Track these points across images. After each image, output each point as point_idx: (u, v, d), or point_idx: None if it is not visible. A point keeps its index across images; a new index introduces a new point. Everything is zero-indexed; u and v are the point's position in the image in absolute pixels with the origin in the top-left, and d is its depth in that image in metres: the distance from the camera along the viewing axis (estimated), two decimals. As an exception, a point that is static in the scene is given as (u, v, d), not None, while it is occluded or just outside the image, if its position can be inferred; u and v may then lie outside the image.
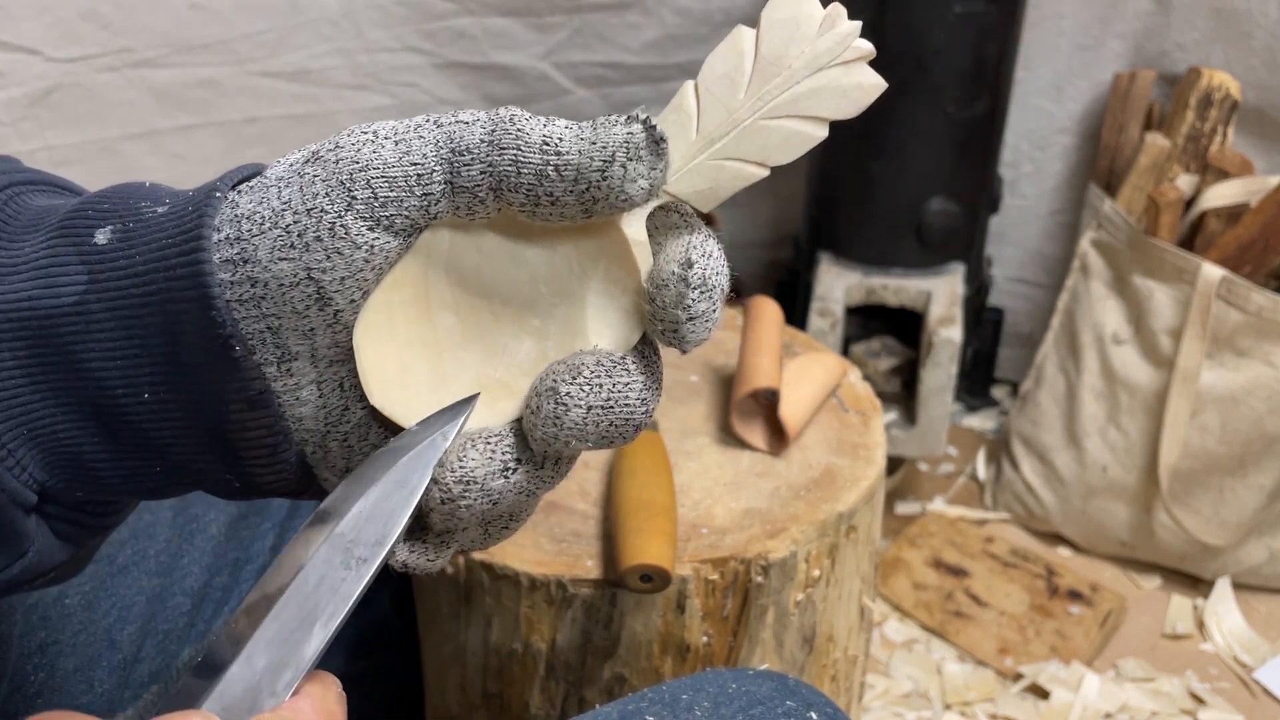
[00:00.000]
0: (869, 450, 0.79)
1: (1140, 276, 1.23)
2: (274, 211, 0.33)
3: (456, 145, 0.33)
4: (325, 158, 0.34)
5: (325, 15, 1.22)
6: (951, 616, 1.25)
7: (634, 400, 0.34)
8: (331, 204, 0.33)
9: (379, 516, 0.33)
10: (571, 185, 0.32)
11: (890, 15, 1.21)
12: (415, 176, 0.33)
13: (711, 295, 0.33)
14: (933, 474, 1.47)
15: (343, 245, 0.33)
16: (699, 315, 0.33)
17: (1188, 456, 1.22)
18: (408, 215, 0.34)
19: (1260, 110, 1.27)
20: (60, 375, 0.35)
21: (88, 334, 0.34)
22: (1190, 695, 1.16)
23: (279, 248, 0.33)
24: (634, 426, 0.35)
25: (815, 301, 1.31)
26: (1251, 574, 1.27)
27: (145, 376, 0.35)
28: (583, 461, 0.79)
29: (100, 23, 1.11)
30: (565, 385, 0.34)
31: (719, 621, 0.71)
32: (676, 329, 0.34)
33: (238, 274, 0.34)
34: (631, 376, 0.34)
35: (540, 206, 0.33)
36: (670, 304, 0.33)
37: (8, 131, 1.10)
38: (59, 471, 0.36)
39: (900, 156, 1.28)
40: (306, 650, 0.31)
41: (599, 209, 0.33)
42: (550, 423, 0.34)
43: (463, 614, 0.73)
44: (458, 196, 0.34)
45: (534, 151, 0.32)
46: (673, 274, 0.33)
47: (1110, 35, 1.34)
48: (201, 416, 0.35)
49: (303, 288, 0.34)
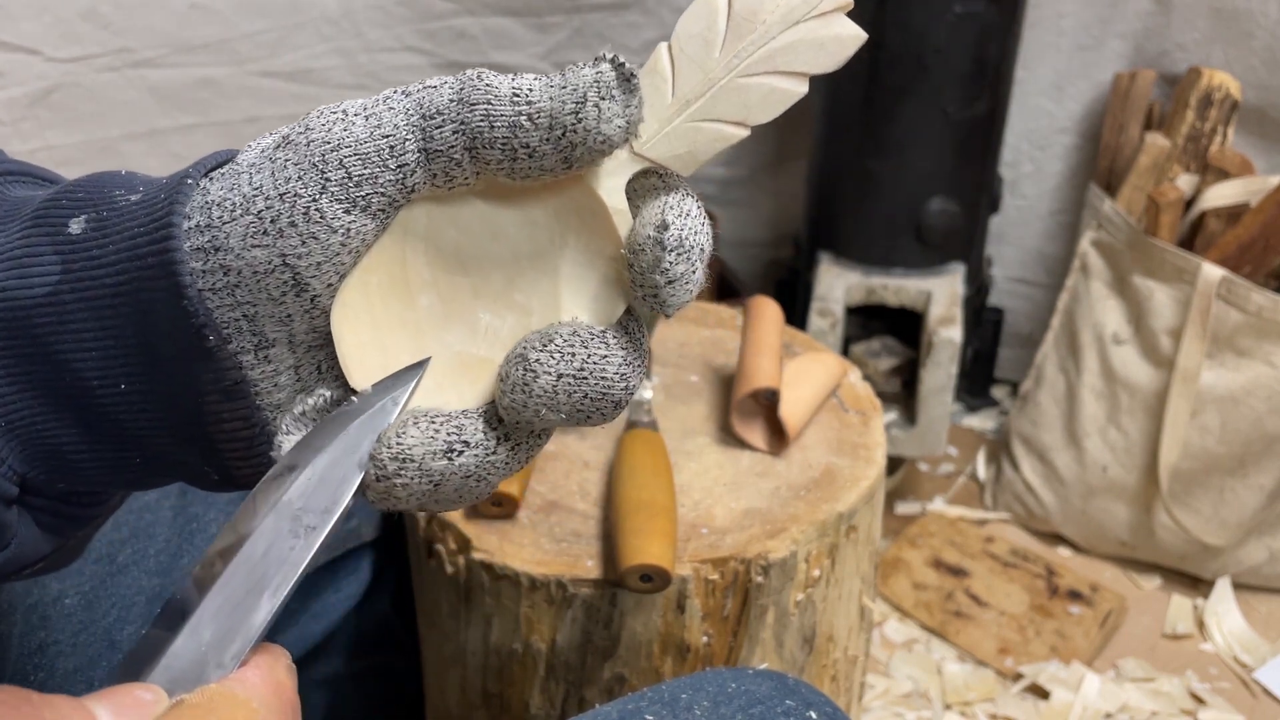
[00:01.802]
0: (869, 450, 0.79)
1: (1140, 276, 1.23)
2: (245, 198, 0.33)
3: (426, 110, 0.32)
4: (296, 140, 0.33)
5: (325, 15, 1.22)
6: (951, 616, 1.25)
7: (611, 374, 0.33)
8: (305, 188, 0.32)
9: (328, 484, 0.32)
10: (546, 133, 0.31)
11: (890, 15, 1.21)
12: (388, 149, 0.32)
13: (689, 256, 0.32)
14: (933, 474, 1.47)
15: (318, 230, 0.32)
16: (678, 278, 0.32)
17: (1188, 456, 1.22)
18: (383, 192, 0.33)
19: (1260, 110, 1.27)
20: (36, 367, 0.34)
21: (61, 325, 0.34)
22: (1190, 695, 1.16)
23: (251, 234, 0.32)
24: (612, 403, 0.33)
25: (815, 301, 1.31)
26: (1251, 574, 1.27)
27: (120, 367, 0.34)
28: (583, 461, 0.79)
29: (100, 23, 1.11)
30: (535, 352, 0.33)
31: (719, 621, 0.71)
32: (656, 293, 0.33)
33: (209, 262, 0.33)
34: (610, 350, 0.33)
35: (518, 161, 0.32)
36: (648, 268, 0.32)
37: (8, 131, 1.10)
38: (38, 464, 0.36)
39: (900, 156, 1.28)
40: (255, 620, 0.31)
41: (578, 155, 0.32)
42: (518, 389, 0.33)
43: (463, 614, 0.73)
44: (433, 163, 0.33)
45: (504, 103, 0.32)
46: (648, 237, 0.32)
47: (1110, 35, 1.34)
48: (178, 408, 0.35)
49: (278, 274, 0.33)
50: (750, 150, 1.53)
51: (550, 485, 0.76)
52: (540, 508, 0.74)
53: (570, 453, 0.80)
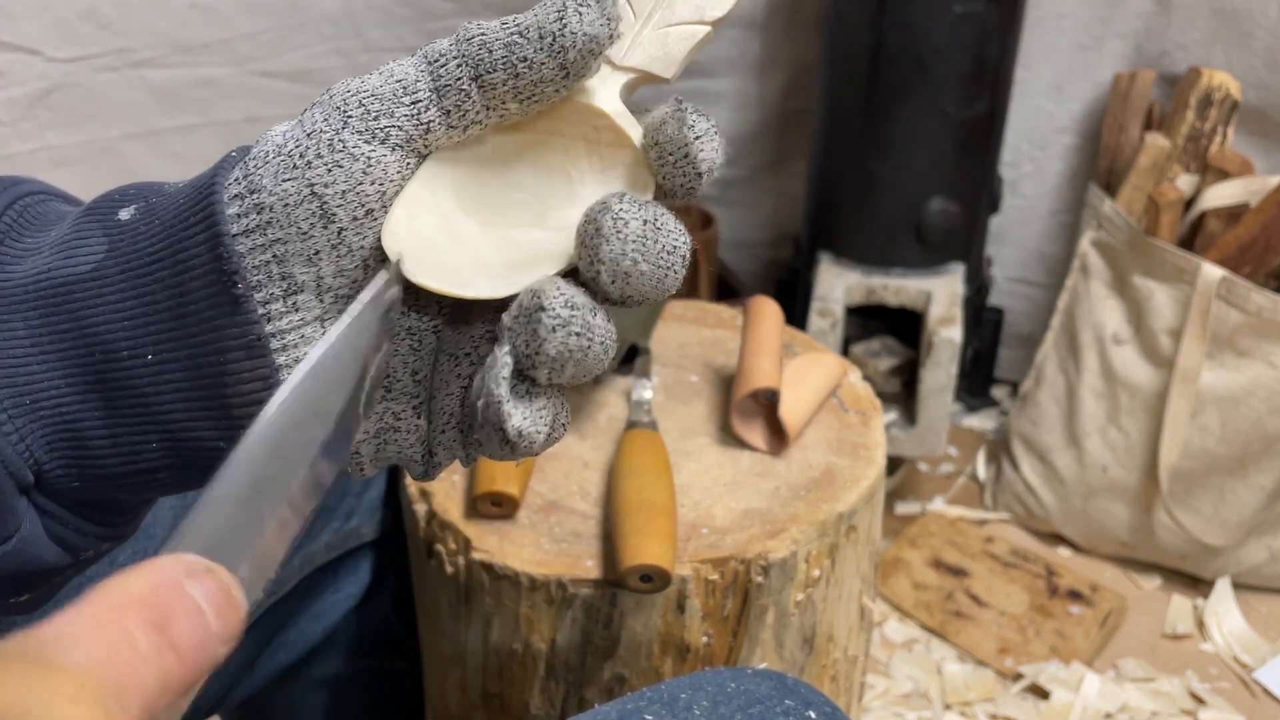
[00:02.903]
0: (869, 450, 0.79)
1: (1140, 276, 1.23)
2: (277, 146, 0.36)
3: (430, 56, 0.36)
4: (320, 101, 0.37)
5: (325, 15, 1.22)
6: (951, 616, 1.25)
7: (673, 226, 0.36)
8: (328, 124, 0.36)
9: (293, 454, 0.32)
10: (539, 43, 0.35)
11: (890, 15, 1.21)
12: (401, 89, 0.36)
13: (707, 117, 0.36)
14: (933, 474, 1.47)
15: (341, 158, 0.35)
16: (704, 133, 0.36)
17: (1188, 456, 1.22)
18: (399, 126, 0.36)
19: (1260, 110, 1.27)
20: (68, 343, 0.36)
21: (100, 297, 0.36)
22: (1190, 695, 1.16)
23: (282, 170, 0.35)
24: (681, 256, 0.36)
25: (815, 301, 1.31)
26: (1251, 574, 1.27)
27: (150, 336, 0.36)
28: (583, 462, 0.79)
29: (100, 23, 1.11)
30: (616, 203, 0.35)
31: (719, 621, 0.71)
32: (686, 151, 0.36)
33: (244, 205, 0.35)
34: (661, 208, 0.36)
35: (520, 77, 0.35)
36: (674, 131, 0.36)
37: (8, 131, 1.10)
38: (57, 450, 0.37)
39: (900, 156, 1.28)
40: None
41: (571, 59, 0.35)
42: (614, 237, 0.35)
43: (463, 614, 0.73)
44: (444, 98, 0.36)
45: (496, 30, 0.35)
46: (666, 112, 0.36)
47: (1110, 35, 1.34)
48: (200, 373, 0.36)
49: (306, 205, 0.35)
50: (750, 150, 1.53)
51: (550, 485, 0.76)
52: (540, 508, 0.74)
53: (570, 453, 0.80)
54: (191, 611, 0.24)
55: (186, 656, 0.24)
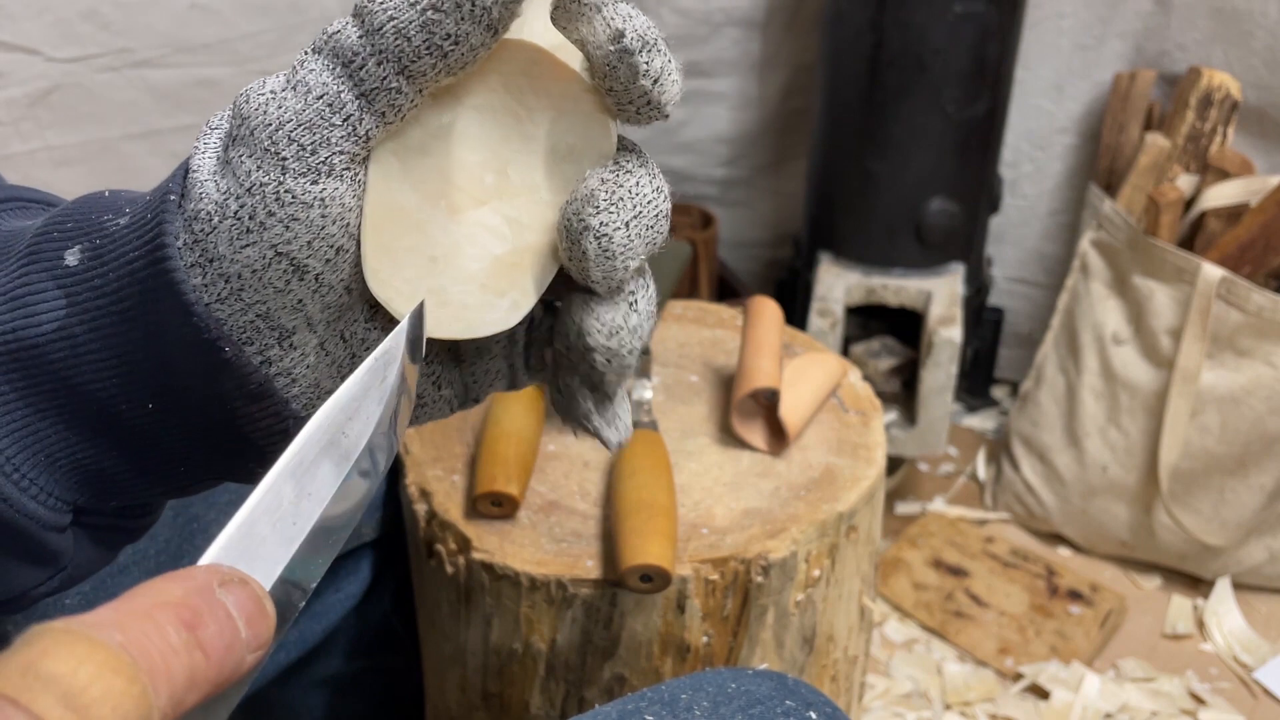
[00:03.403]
0: (869, 450, 0.79)
1: (1140, 276, 1.23)
2: (218, 204, 0.33)
3: (342, 56, 0.32)
4: (239, 135, 0.33)
5: (325, 15, 1.22)
6: (951, 616, 1.25)
7: (651, 193, 0.34)
8: (267, 175, 0.32)
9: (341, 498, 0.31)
10: (456, 13, 0.31)
11: (890, 15, 1.21)
12: (327, 107, 0.32)
13: (658, 48, 0.33)
14: (933, 474, 1.47)
15: (294, 210, 0.33)
16: (660, 73, 0.33)
17: (1188, 456, 1.22)
18: (340, 150, 0.33)
19: (1260, 110, 1.27)
20: (61, 399, 0.35)
21: (76, 358, 0.34)
22: (1190, 695, 1.16)
23: (236, 236, 0.33)
24: (664, 218, 0.35)
25: (815, 301, 1.31)
26: (1251, 574, 1.27)
27: (142, 389, 0.35)
28: (583, 461, 0.79)
29: (100, 23, 1.11)
30: (594, 217, 0.34)
31: (719, 621, 0.71)
32: (647, 98, 0.33)
33: (208, 275, 0.33)
34: (635, 174, 0.34)
35: (449, 55, 0.32)
36: (627, 80, 0.33)
37: (8, 131, 1.10)
38: (87, 489, 0.36)
39: (900, 156, 1.28)
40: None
41: (495, 15, 0.32)
42: (602, 258, 0.34)
43: (463, 614, 0.73)
44: (375, 102, 0.33)
45: (406, 11, 0.31)
46: (610, 52, 0.33)
47: (1110, 35, 1.34)
48: (207, 417, 0.35)
49: (275, 266, 0.33)
50: (750, 150, 1.53)
51: (550, 485, 0.76)
52: (540, 508, 0.74)
53: (570, 453, 0.80)
54: (221, 617, 0.25)
55: (213, 657, 0.25)
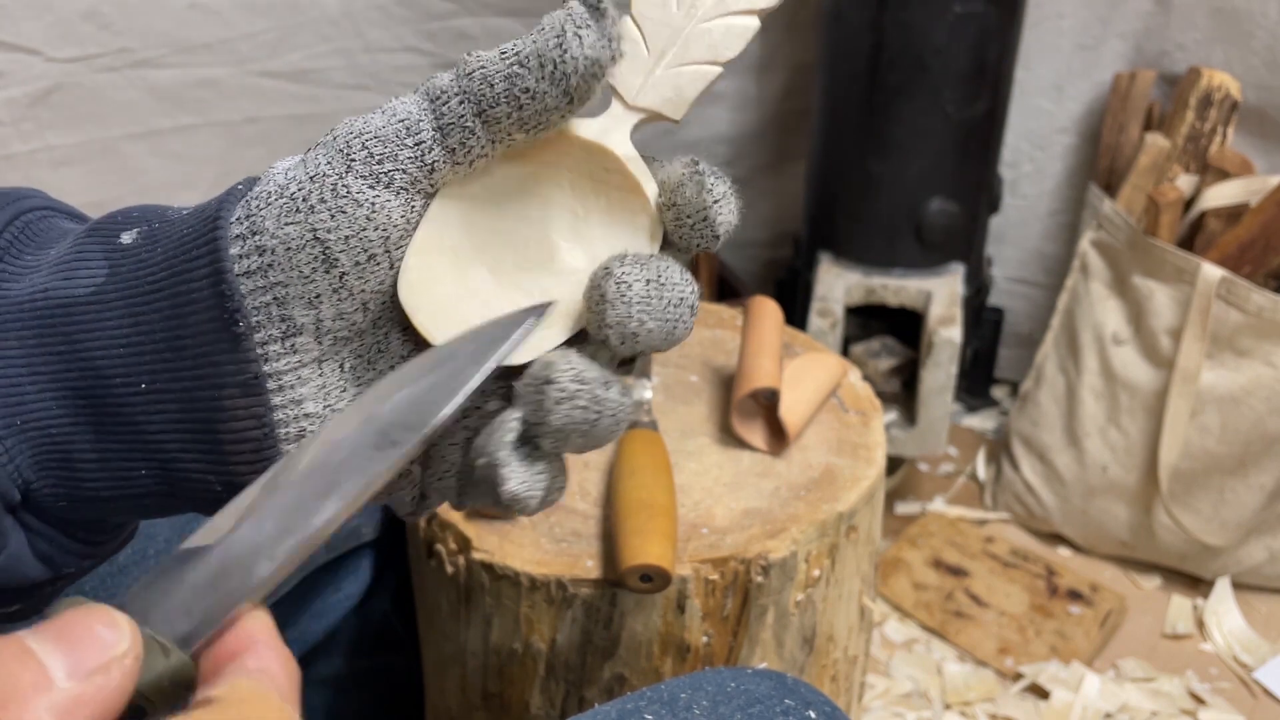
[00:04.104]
0: (869, 450, 0.79)
1: (1140, 276, 1.23)
2: (280, 186, 0.35)
3: (433, 93, 0.36)
4: (324, 141, 0.36)
5: (325, 15, 1.22)
6: (951, 616, 1.25)
7: (679, 279, 0.36)
8: (332, 168, 0.35)
9: (422, 405, 0.33)
10: (539, 71, 0.34)
11: (890, 15, 1.21)
12: (405, 130, 0.35)
13: (724, 180, 0.37)
14: (933, 474, 1.47)
15: (345, 204, 0.35)
16: (722, 197, 0.36)
17: (1188, 456, 1.22)
18: (404, 169, 0.36)
19: (1260, 110, 1.27)
20: (61, 365, 0.36)
21: (97, 322, 0.36)
22: (1190, 695, 1.16)
23: (285, 213, 0.35)
24: (688, 306, 0.36)
25: (815, 301, 1.31)
26: (1251, 574, 1.27)
27: (145, 365, 0.36)
28: (583, 462, 0.79)
29: (100, 23, 1.11)
30: (618, 267, 0.35)
31: (719, 621, 0.71)
32: (706, 215, 0.36)
33: (246, 245, 0.35)
34: (667, 261, 0.36)
35: (524, 108, 0.35)
36: (693, 194, 0.36)
37: (8, 131, 1.10)
38: (46, 471, 0.36)
39: (900, 156, 1.28)
40: (315, 520, 0.31)
41: (574, 85, 0.35)
42: (619, 301, 0.35)
43: (463, 614, 0.73)
44: (449, 137, 0.36)
45: (495, 63, 0.35)
46: (684, 172, 0.36)
47: (1110, 35, 1.34)
48: (194, 406, 0.36)
49: (309, 249, 0.35)
50: (750, 150, 1.53)
51: (550, 485, 0.76)
52: (540, 508, 0.74)
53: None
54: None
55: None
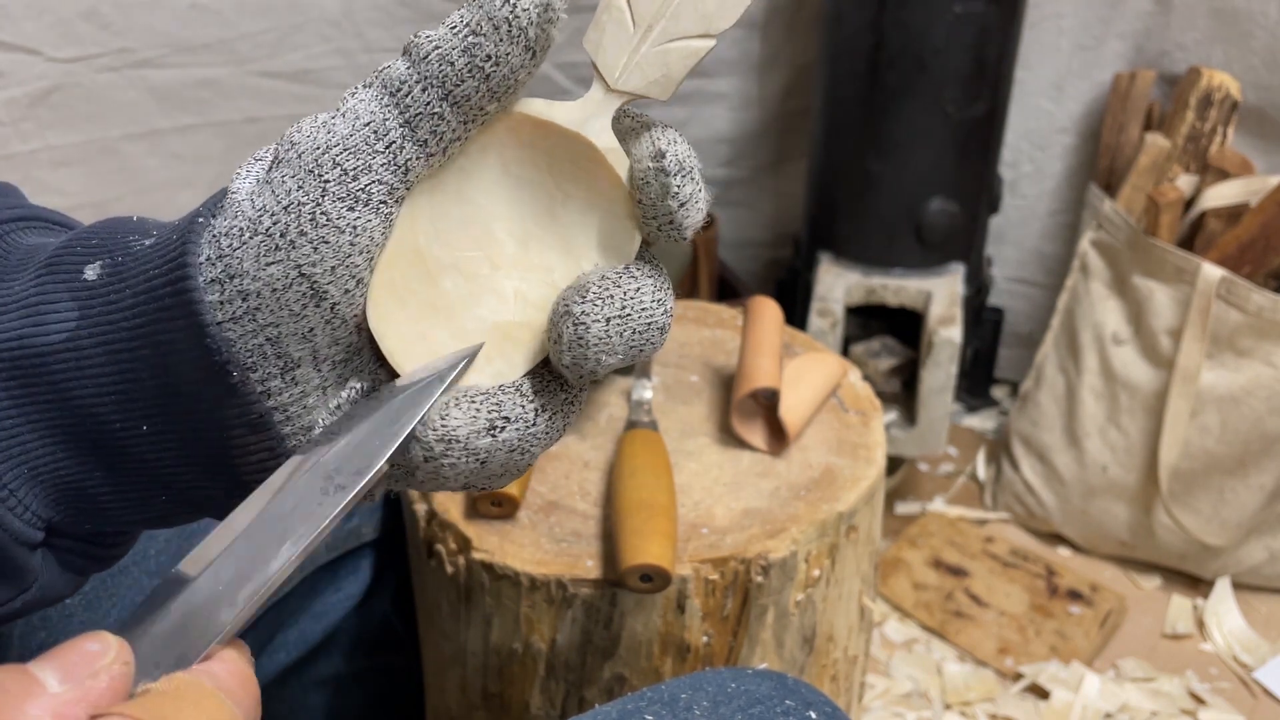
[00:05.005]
0: (869, 450, 0.79)
1: (1140, 276, 1.23)
2: (251, 220, 0.33)
3: (390, 85, 0.34)
4: (286, 158, 0.34)
5: (325, 15, 1.22)
6: (951, 616, 1.25)
7: (649, 303, 0.35)
8: (306, 195, 0.33)
9: (364, 449, 0.33)
10: (494, 34, 0.33)
11: (890, 15, 1.21)
12: (372, 134, 0.34)
13: (692, 176, 0.35)
14: (933, 474, 1.47)
15: (327, 233, 0.33)
16: (688, 199, 0.35)
17: (1188, 456, 1.22)
18: (380, 180, 0.34)
19: (1260, 110, 1.27)
20: (55, 412, 0.34)
21: (79, 371, 0.34)
22: (1190, 695, 1.16)
23: (264, 253, 0.33)
24: (658, 330, 0.35)
25: (815, 301, 1.31)
26: (1251, 574, 1.27)
27: (140, 409, 0.34)
28: (583, 461, 0.79)
29: (100, 23, 1.11)
30: (577, 305, 0.34)
31: (719, 621, 0.71)
32: (671, 219, 0.35)
33: (226, 291, 0.33)
34: (639, 281, 0.35)
35: (491, 77, 0.34)
36: (657, 197, 0.35)
37: (8, 131, 1.10)
38: (64, 507, 0.36)
39: (900, 156, 1.28)
40: (271, 566, 0.32)
41: (534, 38, 0.34)
42: (575, 344, 0.34)
43: (463, 614, 0.73)
44: (418, 129, 0.34)
45: (449, 39, 0.33)
46: (649, 169, 0.35)
47: (1110, 35, 1.34)
48: (202, 444, 0.35)
49: (296, 287, 0.33)
50: (750, 150, 1.53)
51: (550, 485, 0.76)
52: (540, 508, 0.74)
53: (570, 453, 0.80)
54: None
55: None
